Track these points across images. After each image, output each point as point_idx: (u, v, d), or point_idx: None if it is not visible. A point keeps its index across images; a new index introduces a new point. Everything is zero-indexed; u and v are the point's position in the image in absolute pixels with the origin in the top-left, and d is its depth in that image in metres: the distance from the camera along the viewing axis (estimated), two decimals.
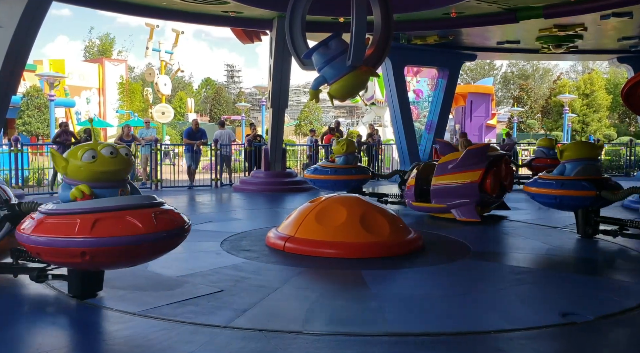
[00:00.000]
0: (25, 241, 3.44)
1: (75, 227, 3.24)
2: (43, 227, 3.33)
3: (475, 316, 3.65)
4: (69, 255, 3.31)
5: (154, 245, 3.45)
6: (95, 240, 3.24)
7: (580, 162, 6.17)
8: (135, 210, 3.36)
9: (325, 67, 5.95)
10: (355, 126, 39.52)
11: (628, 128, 39.19)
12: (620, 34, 12.34)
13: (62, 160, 3.46)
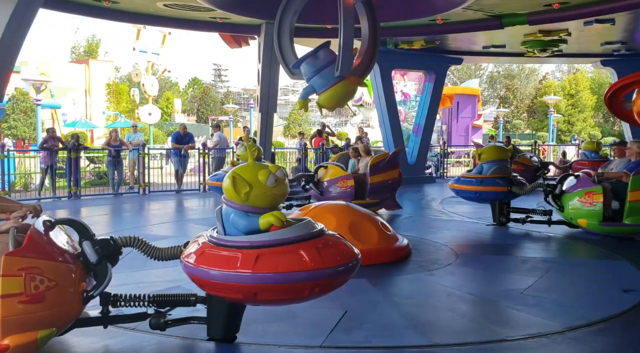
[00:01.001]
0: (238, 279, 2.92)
1: (302, 259, 2.89)
2: (264, 263, 2.89)
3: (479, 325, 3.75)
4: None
5: (322, 283, 3.02)
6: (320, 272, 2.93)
7: (494, 163, 7.52)
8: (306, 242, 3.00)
9: (314, 77, 6.00)
10: (343, 126, 39.64)
11: (612, 127, 39.75)
12: (603, 38, 12.59)
13: (245, 186, 3.03)
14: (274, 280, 2.86)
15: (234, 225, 3.06)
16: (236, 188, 3.01)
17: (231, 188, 3.02)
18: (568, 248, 6.72)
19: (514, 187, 7.30)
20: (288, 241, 2.93)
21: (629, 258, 5.72)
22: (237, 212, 3.05)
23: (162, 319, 3.30)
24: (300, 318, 3.82)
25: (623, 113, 9.29)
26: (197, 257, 3.04)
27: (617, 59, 14.49)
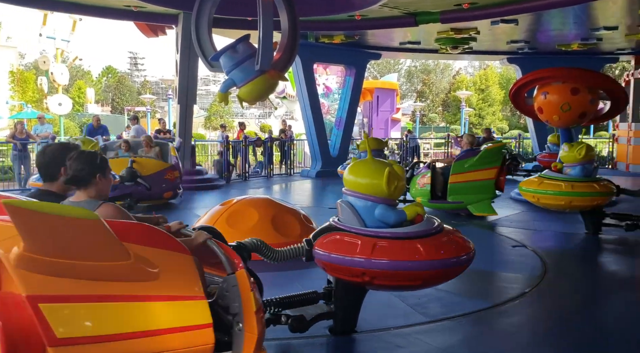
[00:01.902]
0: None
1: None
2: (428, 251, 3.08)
3: (375, 313, 3.91)
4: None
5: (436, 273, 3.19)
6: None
7: (371, 152, 7.88)
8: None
9: (234, 70, 5.97)
10: (267, 118, 39.49)
11: (519, 121, 42.54)
12: (509, 37, 13.44)
13: (395, 180, 3.22)
14: (442, 265, 3.11)
15: (381, 219, 3.20)
16: (390, 182, 3.18)
17: (384, 183, 3.16)
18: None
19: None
20: (435, 231, 3.18)
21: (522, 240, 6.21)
22: (384, 206, 3.21)
23: (305, 321, 3.23)
24: None
25: (526, 108, 10.00)
26: (361, 249, 3.09)
27: (521, 57, 15.53)
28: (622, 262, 5.80)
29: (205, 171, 12.71)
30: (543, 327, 3.73)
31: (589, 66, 11.97)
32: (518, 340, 3.51)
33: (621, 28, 11.69)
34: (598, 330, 3.67)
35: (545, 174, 7.26)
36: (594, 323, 3.76)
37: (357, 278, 3.14)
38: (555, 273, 4.98)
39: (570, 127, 9.53)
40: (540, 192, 6.93)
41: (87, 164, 2.45)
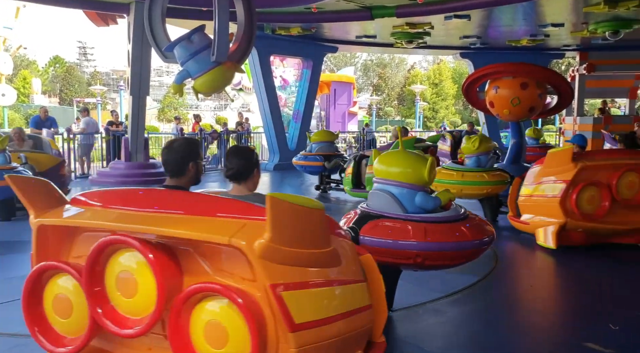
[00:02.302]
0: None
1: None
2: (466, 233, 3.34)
3: None
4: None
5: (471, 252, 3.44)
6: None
7: (321, 143, 9.75)
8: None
9: (189, 61, 5.86)
10: (222, 110, 38.96)
11: (470, 115, 43.70)
12: (461, 32, 13.75)
13: (434, 169, 3.46)
14: (480, 245, 3.40)
15: (421, 205, 3.40)
16: (431, 172, 3.41)
17: (427, 172, 3.40)
18: None
19: (326, 163, 9.38)
20: (465, 215, 3.47)
21: None
22: (423, 193, 3.43)
23: None
24: None
25: (478, 102, 10.28)
26: (414, 233, 3.28)
27: (474, 52, 15.94)
28: (513, 248, 6.04)
29: (159, 164, 12.42)
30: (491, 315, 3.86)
31: (537, 61, 12.41)
32: (469, 328, 3.63)
33: (567, 25, 12.16)
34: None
35: (446, 165, 7.67)
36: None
37: (409, 260, 3.32)
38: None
39: (520, 120, 9.87)
40: (436, 181, 7.36)
41: (248, 160, 2.68)
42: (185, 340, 2.02)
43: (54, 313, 2.27)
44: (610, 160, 5.58)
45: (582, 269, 5.09)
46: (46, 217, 2.29)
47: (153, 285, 2.02)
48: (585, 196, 5.34)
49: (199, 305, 2.00)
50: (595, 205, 5.34)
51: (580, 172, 5.33)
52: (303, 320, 1.94)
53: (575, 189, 5.31)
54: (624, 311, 3.80)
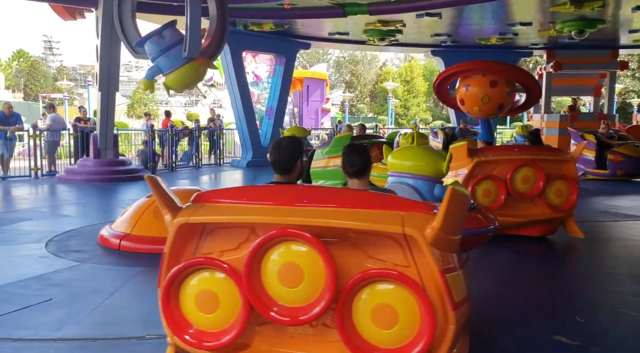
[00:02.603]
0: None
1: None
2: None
3: None
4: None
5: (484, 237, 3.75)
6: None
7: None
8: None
9: (160, 57, 5.77)
10: (194, 106, 38.49)
11: (441, 112, 44.26)
12: (433, 30, 13.91)
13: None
14: (492, 230, 3.75)
15: (439, 196, 3.56)
16: (449, 165, 3.71)
17: (446, 166, 3.71)
18: None
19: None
20: (475, 205, 3.92)
21: None
22: (440, 185, 3.66)
23: None
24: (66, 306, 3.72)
25: (448, 100, 10.44)
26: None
27: (444, 50, 16.14)
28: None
29: (129, 161, 12.21)
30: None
31: (506, 60, 12.66)
32: None
33: (535, 24, 12.43)
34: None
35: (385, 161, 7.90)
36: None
37: None
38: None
39: (489, 117, 10.05)
40: (373, 175, 7.64)
41: (367, 157, 2.95)
42: (351, 323, 2.19)
43: (197, 309, 2.34)
44: (505, 156, 5.78)
45: (547, 263, 5.23)
46: (188, 216, 2.33)
47: (321, 274, 2.17)
48: (481, 189, 5.53)
49: (366, 290, 2.18)
50: (491, 199, 5.53)
51: (475, 166, 5.53)
52: (458, 299, 2.19)
53: (471, 183, 5.50)
54: (587, 304, 3.93)
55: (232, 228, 2.34)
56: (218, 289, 2.31)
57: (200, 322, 2.36)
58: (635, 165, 11.03)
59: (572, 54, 15.62)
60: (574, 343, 3.16)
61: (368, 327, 2.18)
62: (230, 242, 2.32)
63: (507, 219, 5.52)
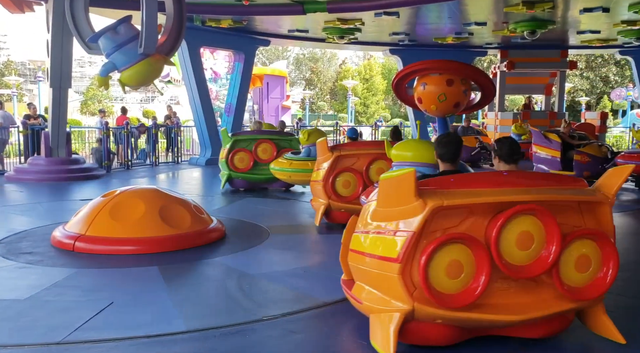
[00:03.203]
0: None
1: None
2: None
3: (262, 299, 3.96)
4: None
5: None
6: None
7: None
8: None
9: (115, 53, 5.62)
10: (150, 103, 37.64)
11: (399, 110, 44.87)
12: (391, 29, 14.07)
13: None
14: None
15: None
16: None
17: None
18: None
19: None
20: None
21: None
22: (429, 169, 4.35)
23: None
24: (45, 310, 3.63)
25: (407, 98, 10.57)
26: None
27: (402, 49, 16.36)
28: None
29: (82, 160, 11.84)
30: None
31: (462, 59, 12.94)
32: None
33: (489, 24, 12.76)
34: None
35: (286, 156, 8.41)
36: None
37: None
38: None
39: (446, 116, 10.25)
40: (272, 168, 8.35)
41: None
42: (560, 272, 2.96)
43: (446, 276, 2.81)
44: (361, 150, 6.46)
45: None
46: (442, 200, 2.74)
47: (543, 238, 2.89)
48: (341, 181, 6.24)
49: (572, 245, 2.97)
50: (350, 189, 6.24)
51: (336, 160, 6.23)
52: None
53: (332, 175, 6.20)
54: None
55: (455, 210, 2.82)
56: (463, 258, 2.81)
57: (446, 286, 2.81)
58: (601, 166, 10.53)
59: (524, 54, 16.12)
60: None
61: (571, 273, 2.98)
62: (452, 220, 2.83)
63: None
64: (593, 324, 3.20)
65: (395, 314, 2.82)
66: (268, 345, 3.18)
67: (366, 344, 3.05)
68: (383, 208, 2.95)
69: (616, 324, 3.14)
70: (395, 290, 2.82)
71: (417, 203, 2.73)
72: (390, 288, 2.85)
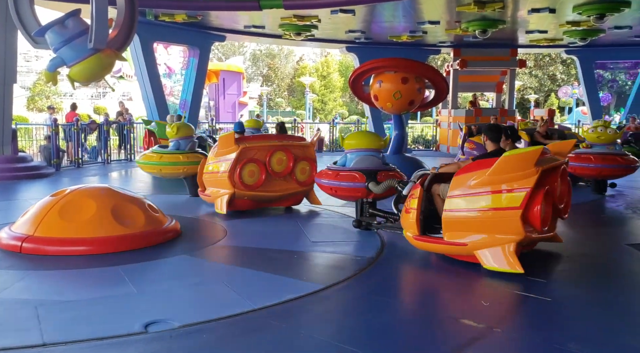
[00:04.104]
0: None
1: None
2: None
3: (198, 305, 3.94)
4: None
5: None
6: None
7: (248, 131, 9.90)
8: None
9: (63, 47, 5.42)
10: (101, 99, 36.53)
11: (357, 107, 45.26)
12: (347, 27, 14.17)
13: None
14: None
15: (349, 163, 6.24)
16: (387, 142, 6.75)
17: (385, 142, 6.55)
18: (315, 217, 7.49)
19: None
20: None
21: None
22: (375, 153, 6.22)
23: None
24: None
25: (363, 95, 10.71)
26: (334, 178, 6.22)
27: (359, 46, 16.51)
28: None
29: (30, 158, 11.38)
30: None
31: (416, 57, 13.19)
32: (357, 312, 3.81)
33: (442, 23, 13.04)
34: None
35: (153, 149, 8.70)
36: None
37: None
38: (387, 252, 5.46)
39: (401, 113, 10.41)
40: (140, 162, 8.52)
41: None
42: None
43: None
44: (264, 143, 7.09)
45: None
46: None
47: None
48: (246, 171, 6.77)
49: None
50: (255, 178, 6.83)
51: (241, 152, 6.75)
52: None
53: (238, 165, 6.72)
54: (490, 289, 4.23)
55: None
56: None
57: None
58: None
59: (476, 52, 16.57)
60: (479, 326, 3.39)
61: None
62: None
63: (268, 194, 7.05)
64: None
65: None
66: (226, 344, 3.16)
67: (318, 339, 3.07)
68: (499, 175, 4.33)
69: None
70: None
71: (533, 168, 4.25)
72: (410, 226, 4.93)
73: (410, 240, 4.96)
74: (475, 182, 4.44)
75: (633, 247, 5.53)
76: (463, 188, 4.50)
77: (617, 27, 13.22)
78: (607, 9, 10.58)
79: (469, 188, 4.47)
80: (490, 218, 4.38)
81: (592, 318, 3.58)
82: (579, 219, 6.74)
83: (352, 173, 6.04)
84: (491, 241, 4.41)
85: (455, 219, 4.53)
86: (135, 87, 25.15)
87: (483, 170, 4.44)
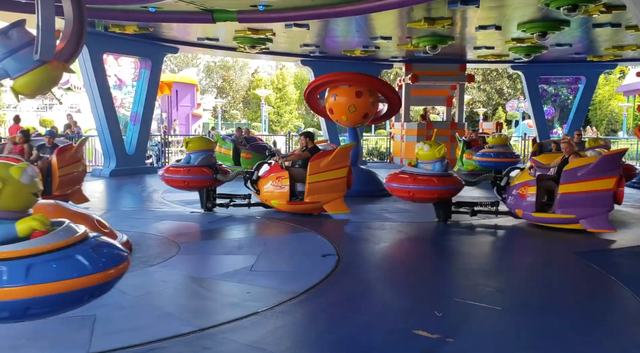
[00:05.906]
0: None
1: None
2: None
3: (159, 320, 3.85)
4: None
5: None
6: None
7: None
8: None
9: (6, 59, 5.19)
10: (48, 111, 35.16)
11: (312, 119, 45.48)
12: (302, 41, 14.26)
13: None
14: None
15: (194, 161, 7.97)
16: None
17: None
18: (266, 227, 7.42)
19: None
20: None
21: (314, 229, 6.76)
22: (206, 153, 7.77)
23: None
24: None
25: (318, 108, 10.80)
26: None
27: (314, 60, 16.64)
28: (353, 247, 6.65)
29: None
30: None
31: (370, 71, 13.41)
32: (315, 326, 3.80)
33: (394, 38, 13.33)
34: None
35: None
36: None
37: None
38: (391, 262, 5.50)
39: (356, 126, 10.55)
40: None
41: None
42: None
43: None
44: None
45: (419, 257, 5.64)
46: None
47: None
48: None
49: None
50: None
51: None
52: None
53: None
54: (444, 299, 4.31)
55: None
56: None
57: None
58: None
59: (427, 67, 17.02)
60: (433, 336, 3.45)
61: None
62: None
63: None
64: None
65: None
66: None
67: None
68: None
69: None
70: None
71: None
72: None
73: (283, 206, 7.81)
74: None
75: (578, 254, 5.78)
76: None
77: (559, 44, 13.88)
78: (549, 27, 11.11)
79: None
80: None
81: (542, 326, 3.71)
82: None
83: (201, 168, 7.98)
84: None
85: None
86: (84, 99, 24.34)
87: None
